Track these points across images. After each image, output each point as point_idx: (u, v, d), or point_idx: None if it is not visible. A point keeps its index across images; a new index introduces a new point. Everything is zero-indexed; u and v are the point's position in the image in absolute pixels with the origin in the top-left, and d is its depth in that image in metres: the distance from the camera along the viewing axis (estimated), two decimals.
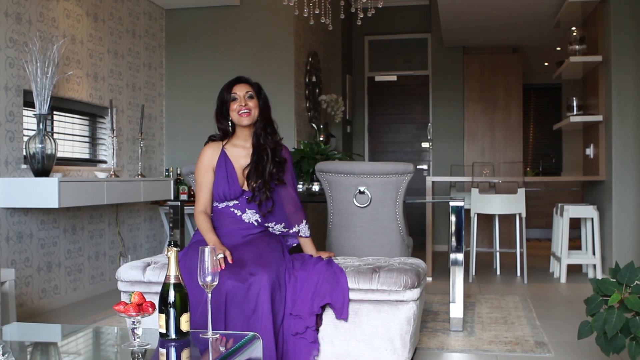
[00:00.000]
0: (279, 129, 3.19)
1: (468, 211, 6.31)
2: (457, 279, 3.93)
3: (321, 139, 6.82)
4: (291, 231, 3.17)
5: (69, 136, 5.24)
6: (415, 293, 2.88)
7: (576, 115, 6.19)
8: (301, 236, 3.20)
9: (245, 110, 3.07)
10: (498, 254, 6.52)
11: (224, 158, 3.11)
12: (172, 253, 2.09)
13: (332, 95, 7.20)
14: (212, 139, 3.19)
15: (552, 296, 5.19)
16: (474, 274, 6.01)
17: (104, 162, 5.64)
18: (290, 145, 6.20)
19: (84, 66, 5.25)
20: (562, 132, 10.19)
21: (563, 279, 5.80)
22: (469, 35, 8.15)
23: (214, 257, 2.14)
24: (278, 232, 3.16)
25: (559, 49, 8.69)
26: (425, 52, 9.13)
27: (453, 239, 3.97)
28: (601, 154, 5.97)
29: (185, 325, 2.10)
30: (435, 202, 7.16)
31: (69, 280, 5.01)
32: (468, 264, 6.12)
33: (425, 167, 9.05)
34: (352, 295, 2.90)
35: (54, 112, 5.04)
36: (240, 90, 3.09)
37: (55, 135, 5.03)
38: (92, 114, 5.51)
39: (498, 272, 6.38)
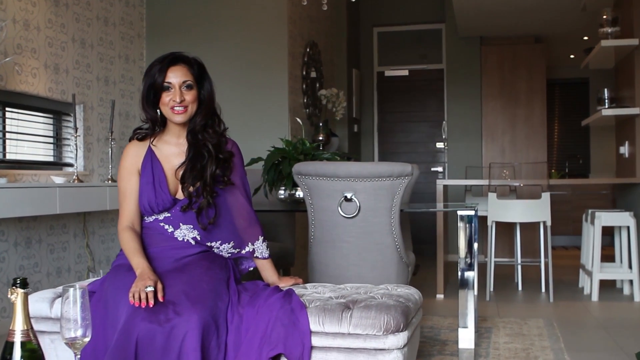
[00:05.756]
0: (222, 114, 2.47)
1: (485, 219, 5.55)
2: (469, 303, 3.22)
3: (320, 138, 6.12)
4: (244, 251, 2.46)
5: (25, 136, 4.60)
6: (400, 338, 2.13)
7: (608, 108, 5.41)
8: (257, 257, 2.49)
9: (180, 107, 2.37)
10: (520, 266, 5.74)
11: (150, 158, 2.41)
12: (18, 297, 1.40)
13: (333, 89, 6.47)
14: (137, 134, 2.48)
15: (583, 319, 4.43)
16: (491, 289, 5.25)
17: (71, 165, 4.98)
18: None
19: (40, 56, 4.60)
20: (590, 130, 9.40)
21: (595, 297, 5.03)
22: (486, 24, 7.41)
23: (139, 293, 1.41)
24: (227, 255, 2.45)
25: (586, 38, 7.91)
26: (440, 44, 8.38)
27: (463, 254, 3.26)
28: (638, 152, 5.19)
29: None
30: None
31: None
32: (485, 278, 5.36)
33: (439, 169, 8.30)
34: (315, 341, 2.16)
35: (6, 109, 4.40)
36: (175, 78, 2.36)
37: (7, 135, 4.39)
38: (55, 110, 4.86)
39: (520, 287, 5.61)
